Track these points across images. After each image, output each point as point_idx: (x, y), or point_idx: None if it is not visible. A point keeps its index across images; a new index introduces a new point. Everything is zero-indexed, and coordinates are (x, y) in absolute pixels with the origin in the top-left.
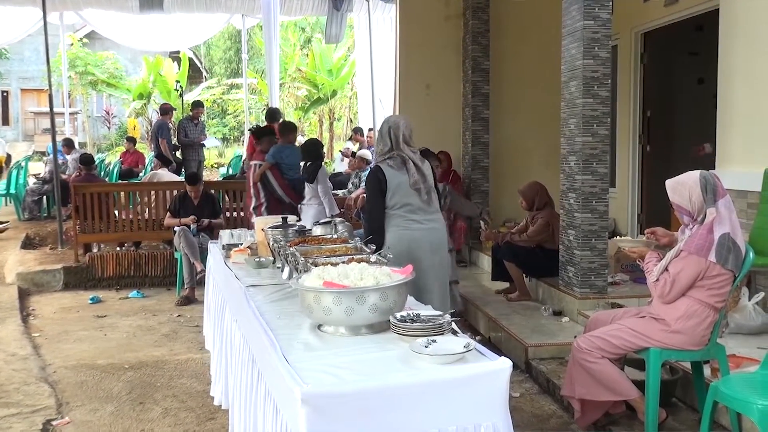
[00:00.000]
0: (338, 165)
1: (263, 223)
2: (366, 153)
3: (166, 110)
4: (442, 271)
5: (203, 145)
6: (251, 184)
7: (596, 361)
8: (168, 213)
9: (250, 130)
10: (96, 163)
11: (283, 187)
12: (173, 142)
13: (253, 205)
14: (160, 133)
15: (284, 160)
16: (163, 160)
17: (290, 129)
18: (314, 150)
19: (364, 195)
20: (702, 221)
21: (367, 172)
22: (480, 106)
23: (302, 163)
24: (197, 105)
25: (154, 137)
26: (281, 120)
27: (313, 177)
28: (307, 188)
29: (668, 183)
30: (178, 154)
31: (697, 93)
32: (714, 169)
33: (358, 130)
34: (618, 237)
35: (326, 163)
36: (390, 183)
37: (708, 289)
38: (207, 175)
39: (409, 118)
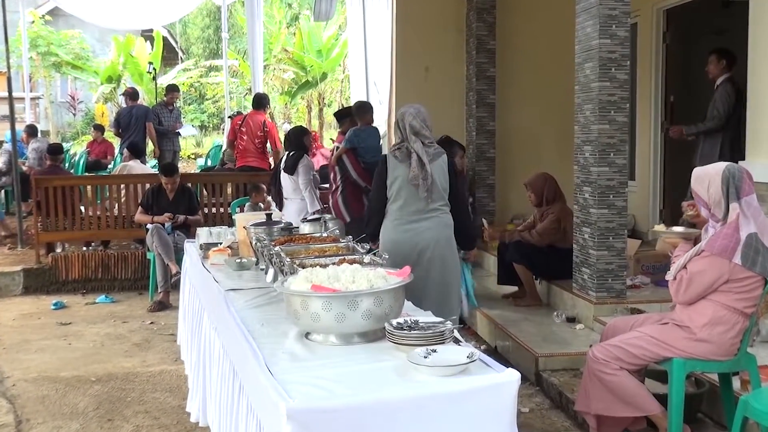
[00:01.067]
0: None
1: (245, 220)
2: None
3: (135, 95)
4: (436, 274)
5: (179, 133)
6: (330, 167)
7: (614, 372)
8: (140, 208)
9: (337, 114)
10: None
11: (358, 171)
12: None
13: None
14: (148, 118)
15: (361, 143)
16: (134, 151)
17: (367, 110)
18: (297, 139)
19: None
20: (724, 217)
21: None
22: (485, 90)
23: (285, 153)
24: (172, 89)
25: (139, 124)
26: (357, 102)
27: (294, 168)
28: (289, 181)
29: (695, 170)
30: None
31: None
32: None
33: None
34: (656, 226)
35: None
36: (390, 174)
37: (736, 293)
38: (183, 167)
39: (422, 106)
